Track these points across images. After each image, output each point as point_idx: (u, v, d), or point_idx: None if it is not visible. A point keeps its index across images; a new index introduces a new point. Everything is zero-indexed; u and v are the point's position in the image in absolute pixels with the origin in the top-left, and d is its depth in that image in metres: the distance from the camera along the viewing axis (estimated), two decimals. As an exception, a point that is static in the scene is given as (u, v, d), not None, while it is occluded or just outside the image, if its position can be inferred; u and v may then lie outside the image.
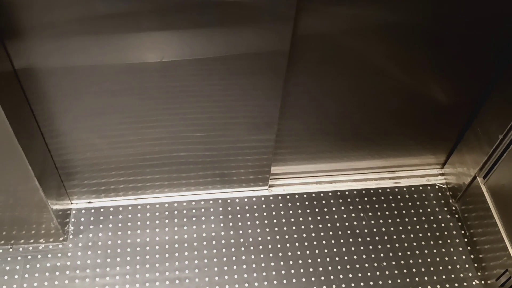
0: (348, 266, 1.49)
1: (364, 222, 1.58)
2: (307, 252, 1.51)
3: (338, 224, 1.57)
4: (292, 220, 1.58)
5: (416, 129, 1.56)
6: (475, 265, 1.52)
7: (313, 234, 1.55)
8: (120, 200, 1.59)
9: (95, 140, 1.38)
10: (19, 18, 1.02)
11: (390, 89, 1.38)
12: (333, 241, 1.54)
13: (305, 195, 1.63)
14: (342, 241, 1.54)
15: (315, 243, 1.53)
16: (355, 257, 1.51)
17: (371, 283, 1.47)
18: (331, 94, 1.37)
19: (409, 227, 1.58)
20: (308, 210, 1.60)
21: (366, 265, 1.50)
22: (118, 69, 1.17)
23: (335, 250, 1.52)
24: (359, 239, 1.55)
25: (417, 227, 1.58)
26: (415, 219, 1.60)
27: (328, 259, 1.50)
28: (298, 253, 1.51)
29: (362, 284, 1.47)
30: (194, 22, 1.08)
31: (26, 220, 1.41)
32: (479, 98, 1.44)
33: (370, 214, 1.60)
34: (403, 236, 1.56)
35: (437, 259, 1.52)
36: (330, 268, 1.49)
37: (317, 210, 1.60)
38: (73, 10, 1.03)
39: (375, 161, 1.66)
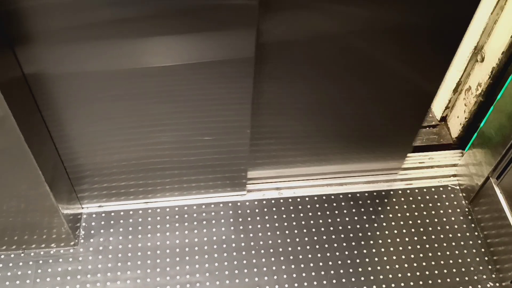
0: (360, 269, 1.48)
1: (376, 225, 1.57)
2: (318, 255, 1.50)
3: (349, 227, 1.56)
4: (303, 223, 1.56)
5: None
6: (490, 267, 1.50)
7: (324, 237, 1.54)
8: (130, 204, 1.59)
9: (105, 145, 1.38)
10: (28, 25, 1.03)
11: (370, 95, 1.36)
12: (344, 244, 1.53)
13: (315, 198, 1.62)
14: (353, 244, 1.53)
15: (326, 246, 1.52)
16: (367, 260, 1.50)
17: (384, 286, 1.45)
18: (302, 98, 1.35)
19: (421, 229, 1.56)
20: (319, 213, 1.59)
21: (379, 268, 1.49)
22: (124, 74, 1.18)
23: (346, 253, 1.51)
24: (371, 242, 1.53)
25: (430, 229, 1.56)
26: (427, 221, 1.58)
27: (339, 262, 1.49)
28: (309, 256, 1.50)
29: (374, 287, 1.45)
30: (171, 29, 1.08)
31: (37, 225, 1.41)
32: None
33: (382, 216, 1.59)
34: (415, 238, 1.54)
35: (451, 261, 1.50)
36: (342, 271, 1.48)
37: (328, 212, 1.59)
38: (80, 16, 1.03)
39: (372, 164, 1.63)
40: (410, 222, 1.58)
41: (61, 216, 1.39)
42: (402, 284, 1.46)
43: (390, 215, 1.59)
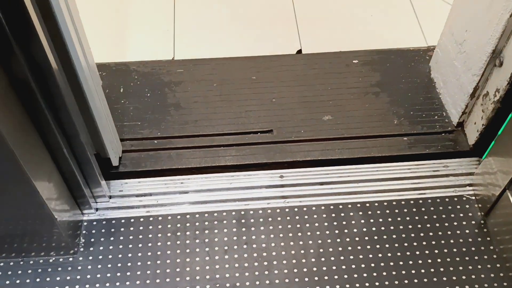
0: (367, 284, 1.42)
1: (385, 236, 1.50)
2: (324, 268, 1.44)
3: (357, 239, 1.50)
4: (309, 233, 1.51)
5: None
6: (505, 284, 1.42)
7: (331, 249, 1.48)
8: (132, 211, 1.56)
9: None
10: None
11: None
12: (351, 257, 1.46)
13: (323, 207, 1.56)
14: (361, 256, 1.47)
15: (332, 258, 1.46)
16: (374, 274, 1.43)
17: (392, 302, 1.39)
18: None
19: (433, 242, 1.49)
20: (326, 223, 1.53)
21: (387, 283, 1.42)
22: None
23: (353, 266, 1.45)
24: (380, 255, 1.47)
25: (442, 242, 1.49)
26: (440, 233, 1.51)
27: (346, 276, 1.43)
28: (314, 269, 1.44)
29: (382, 303, 1.39)
30: None
31: (36, 233, 1.39)
32: None
33: (392, 227, 1.52)
34: (426, 251, 1.47)
35: (463, 277, 1.43)
36: (348, 286, 1.42)
37: (335, 223, 1.53)
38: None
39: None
40: (422, 234, 1.51)
41: (60, 224, 1.36)
42: (412, 300, 1.40)
43: (401, 227, 1.52)
